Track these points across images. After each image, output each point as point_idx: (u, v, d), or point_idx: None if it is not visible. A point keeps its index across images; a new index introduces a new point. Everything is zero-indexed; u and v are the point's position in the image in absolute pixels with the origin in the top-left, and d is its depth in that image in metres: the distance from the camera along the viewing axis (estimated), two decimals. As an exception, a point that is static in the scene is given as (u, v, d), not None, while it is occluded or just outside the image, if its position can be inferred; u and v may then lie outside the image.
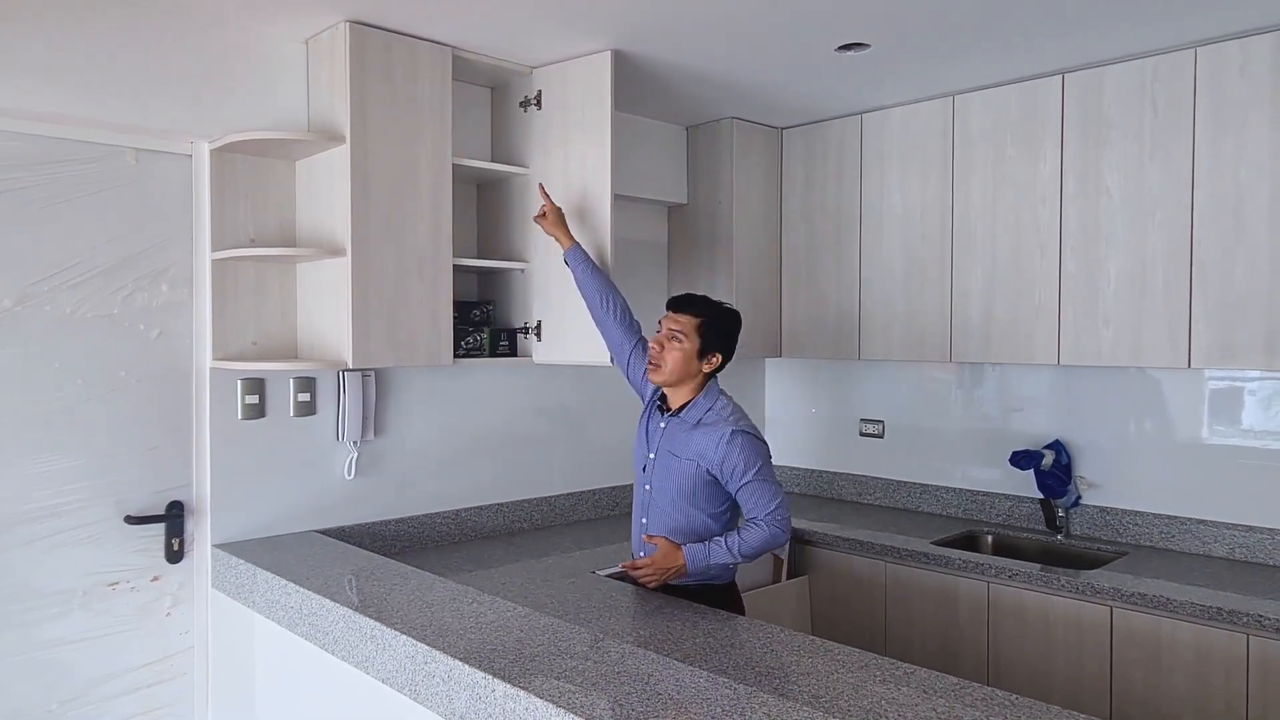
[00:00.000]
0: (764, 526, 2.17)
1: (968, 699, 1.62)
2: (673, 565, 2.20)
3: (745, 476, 2.18)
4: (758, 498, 2.18)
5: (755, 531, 2.17)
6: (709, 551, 2.18)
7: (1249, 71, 2.56)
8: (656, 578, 2.23)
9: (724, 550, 2.17)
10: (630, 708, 1.47)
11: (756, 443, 2.21)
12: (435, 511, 3.03)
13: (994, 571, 2.82)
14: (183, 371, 2.57)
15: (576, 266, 2.64)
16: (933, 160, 3.26)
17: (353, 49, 2.48)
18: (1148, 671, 2.52)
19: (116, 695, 2.45)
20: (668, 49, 2.75)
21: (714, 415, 2.25)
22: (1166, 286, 2.71)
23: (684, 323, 2.28)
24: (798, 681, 1.71)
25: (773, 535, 2.17)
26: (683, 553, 2.19)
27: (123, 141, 2.45)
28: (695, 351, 2.27)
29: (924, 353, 3.30)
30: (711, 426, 2.22)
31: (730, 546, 2.17)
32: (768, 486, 2.19)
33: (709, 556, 2.18)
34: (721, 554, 2.18)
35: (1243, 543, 2.84)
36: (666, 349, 2.27)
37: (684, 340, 2.26)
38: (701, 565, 2.19)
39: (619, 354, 2.56)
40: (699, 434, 2.24)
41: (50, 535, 2.35)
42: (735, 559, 2.18)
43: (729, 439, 2.18)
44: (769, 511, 2.17)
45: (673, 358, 2.26)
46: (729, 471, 2.19)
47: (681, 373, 2.28)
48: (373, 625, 1.92)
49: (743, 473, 2.18)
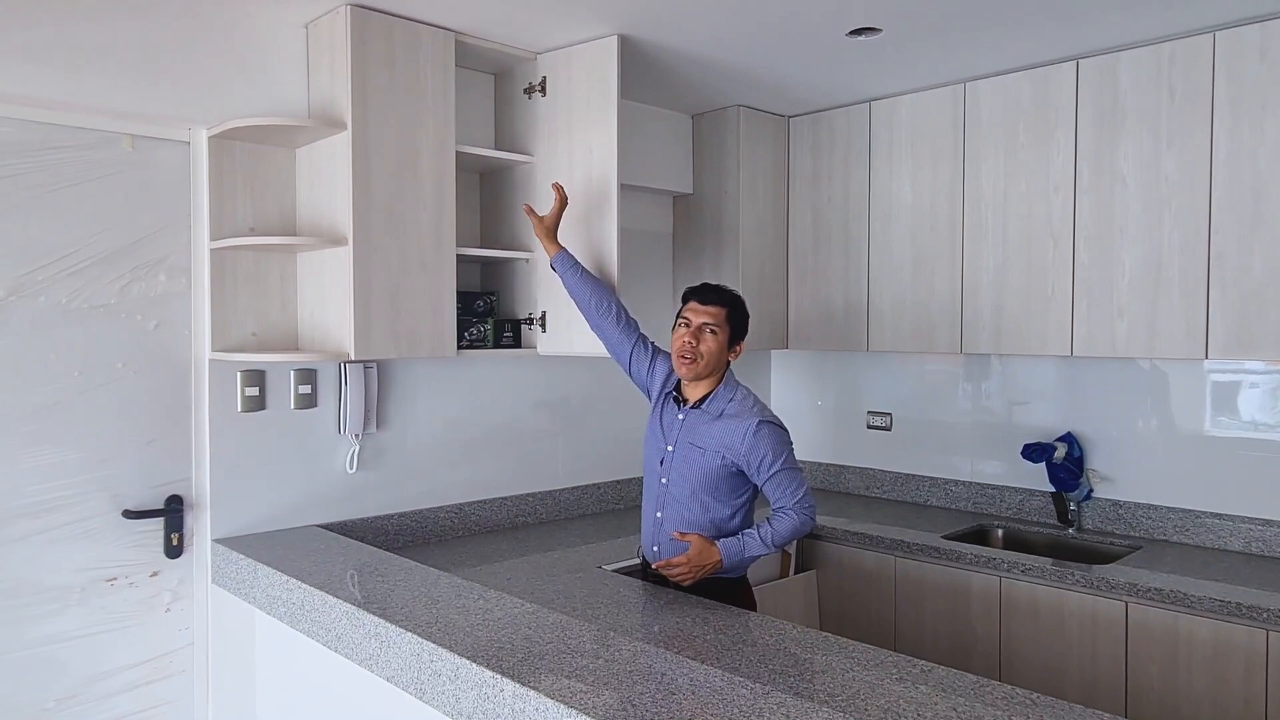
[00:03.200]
0: (794, 515, 2.17)
1: (988, 698, 1.58)
2: (709, 562, 2.17)
3: (774, 467, 2.17)
4: (785, 487, 2.18)
5: (786, 520, 2.17)
6: (744, 544, 2.17)
7: (1269, 56, 2.51)
8: (692, 575, 2.18)
9: (758, 542, 2.16)
10: (644, 708, 1.43)
11: (781, 432, 2.21)
12: (439, 505, 2.98)
13: (1006, 566, 2.78)
14: (181, 363, 2.52)
15: (565, 272, 2.57)
16: (943, 149, 3.21)
17: (354, 33, 2.43)
18: (1164, 668, 2.48)
19: (115, 692, 2.41)
20: (674, 34, 2.69)
21: (736, 406, 2.23)
22: (1183, 277, 2.66)
23: (716, 314, 2.25)
24: (813, 680, 1.66)
25: (802, 522, 2.17)
26: (718, 548, 2.17)
27: (119, 128, 2.40)
28: (726, 342, 2.26)
29: (933, 344, 3.26)
30: (736, 418, 2.20)
31: (764, 537, 2.16)
32: (795, 475, 2.19)
33: (744, 550, 2.17)
34: (756, 545, 2.16)
35: (1260, 536, 2.80)
36: (703, 341, 2.23)
37: (719, 331, 2.24)
38: (737, 559, 2.17)
39: (619, 354, 2.52)
40: (722, 425, 2.21)
41: (47, 530, 2.31)
42: (769, 549, 2.17)
43: (756, 430, 2.17)
44: (797, 500, 2.17)
45: (709, 349, 2.23)
46: (757, 463, 2.17)
47: (716, 363, 2.26)
48: (376, 622, 1.87)
49: (771, 463, 2.17)
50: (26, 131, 2.26)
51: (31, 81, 2.20)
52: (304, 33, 2.60)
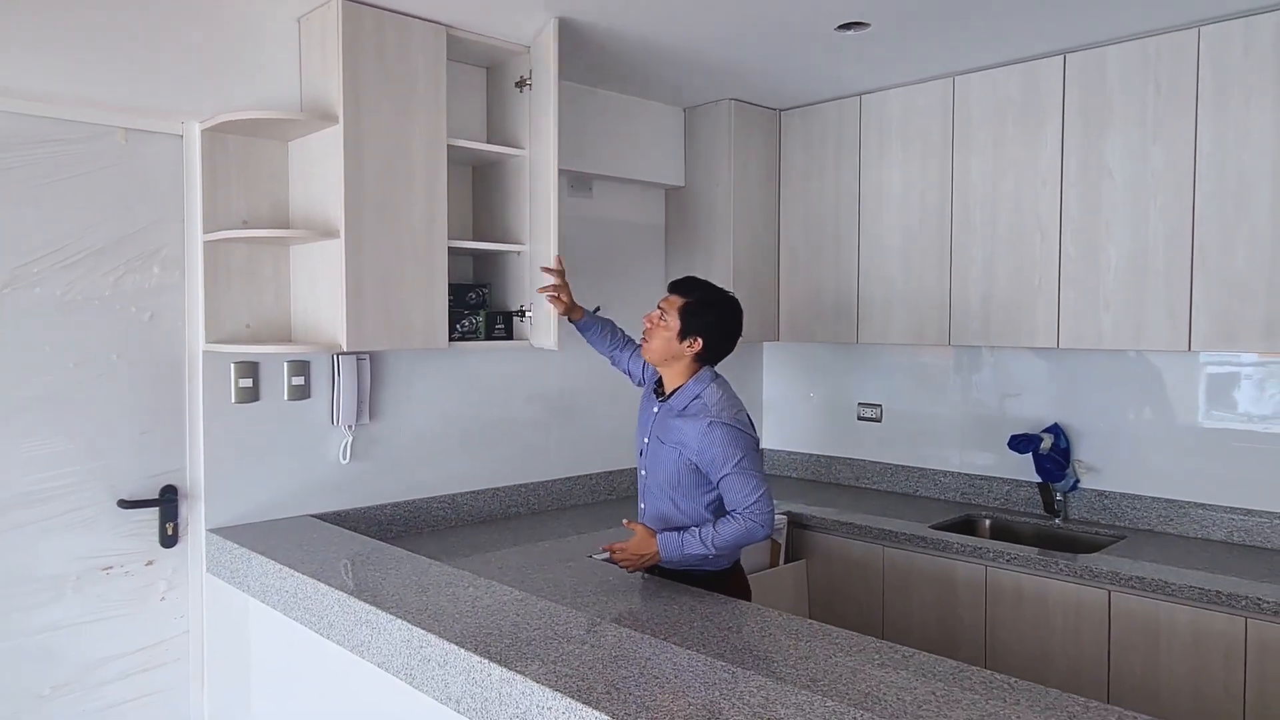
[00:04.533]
0: (740, 520, 2.11)
1: (966, 682, 1.61)
2: (646, 553, 2.16)
3: (725, 468, 2.12)
4: (737, 490, 2.11)
5: (730, 525, 2.11)
6: (683, 542, 2.13)
7: (1253, 51, 2.53)
8: (632, 563, 2.20)
9: (697, 541, 2.12)
10: (627, 691, 1.46)
11: (737, 434, 2.14)
12: (431, 496, 3.01)
13: (992, 555, 2.82)
14: (175, 354, 2.54)
15: (588, 329, 2.68)
16: (932, 142, 3.23)
17: (345, 27, 2.44)
18: (1146, 655, 2.51)
19: (110, 680, 2.44)
20: (665, 23, 2.71)
21: (698, 405, 2.19)
22: (1167, 269, 2.69)
23: (670, 303, 2.25)
24: (795, 665, 1.69)
25: (749, 529, 2.10)
26: (655, 541, 2.16)
27: (112, 121, 2.41)
28: (676, 333, 2.22)
29: (922, 336, 3.28)
30: (694, 417, 2.17)
31: (704, 538, 2.12)
32: (748, 479, 2.11)
33: (683, 547, 2.13)
34: (695, 545, 2.12)
35: (1242, 526, 2.83)
36: (653, 327, 2.26)
37: (669, 319, 2.23)
38: (676, 555, 2.15)
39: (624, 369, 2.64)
40: (682, 422, 2.19)
41: (42, 520, 2.33)
42: (709, 551, 2.12)
43: (707, 430, 2.13)
44: (747, 505, 2.10)
45: (655, 336, 2.25)
46: (708, 463, 2.14)
47: (664, 352, 2.25)
48: (368, 610, 1.90)
49: (721, 464, 2.12)
50: (19, 124, 2.28)
51: (25, 75, 2.21)
52: (296, 26, 2.61)
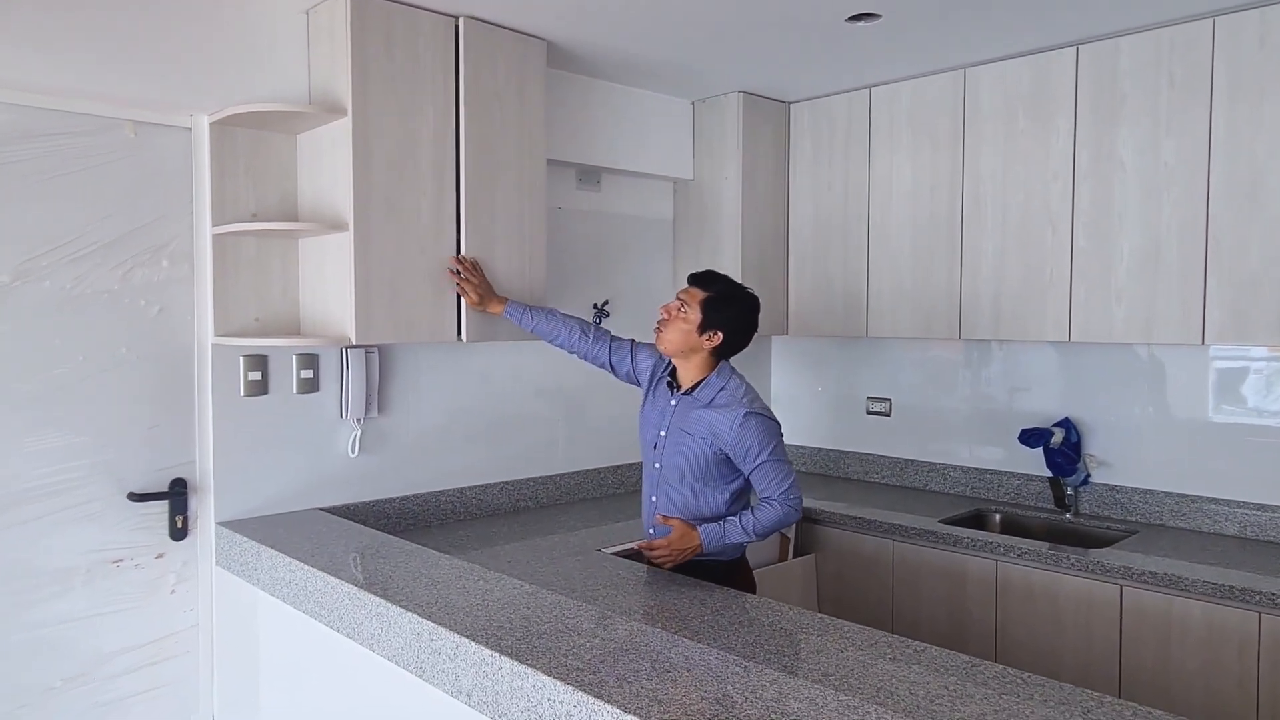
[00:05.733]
0: (778, 506, 2.18)
1: (979, 677, 1.60)
2: (689, 546, 2.21)
3: (760, 458, 2.17)
4: (771, 478, 2.18)
5: (769, 511, 2.18)
6: (724, 531, 2.20)
7: (1268, 42, 2.51)
8: (672, 559, 2.22)
9: (739, 530, 2.19)
10: (638, 684, 1.45)
11: (770, 424, 2.21)
12: (440, 489, 3.01)
13: (1002, 550, 2.80)
14: (184, 348, 2.54)
15: (519, 317, 2.65)
16: (942, 135, 3.21)
17: (354, 19, 2.44)
18: (1158, 650, 2.50)
19: (120, 673, 2.44)
20: (673, 14, 2.69)
21: (727, 396, 2.23)
22: (1180, 263, 2.67)
23: (692, 295, 2.27)
24: (807, 659, 1.69)
25: (786, 514, 2.18)
26: (699, 533, 2.20)
27: (121, 114, 2.41)
28: (696, 325, 2.23)
29: (932, 330, 3.27)
30: (725, 408, 2.21)
31: (745, 525, 2.18)
32: (781, 467, 2.19)
33: (724, 536, 2.20)
34: (737, 533, 2.19)
35: (1255, 521, 2.82)
36: (671, 318, 2.26)
37: (689, 311, 2.24)
38: (718, 545, 2.20)
39: (600, 363, 2.58)
40: (711, 414, 2.22)
41: (53, 513, 2.33)
42: (750, 538, 2.20)
43: (742, 421, 2.17)
44: (782, 491, 2.18)
45: (673, 328, 2.26)
46: (743, 453, 2.18)
47: (681, 344, 2.26)
48: (378, 602, 1.90)
49: (757, 454, 2.17)
50: (29, 118, 2.28)
51: (34, 68, 2.21)
52: (304, 18, 2.60)
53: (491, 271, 2.73)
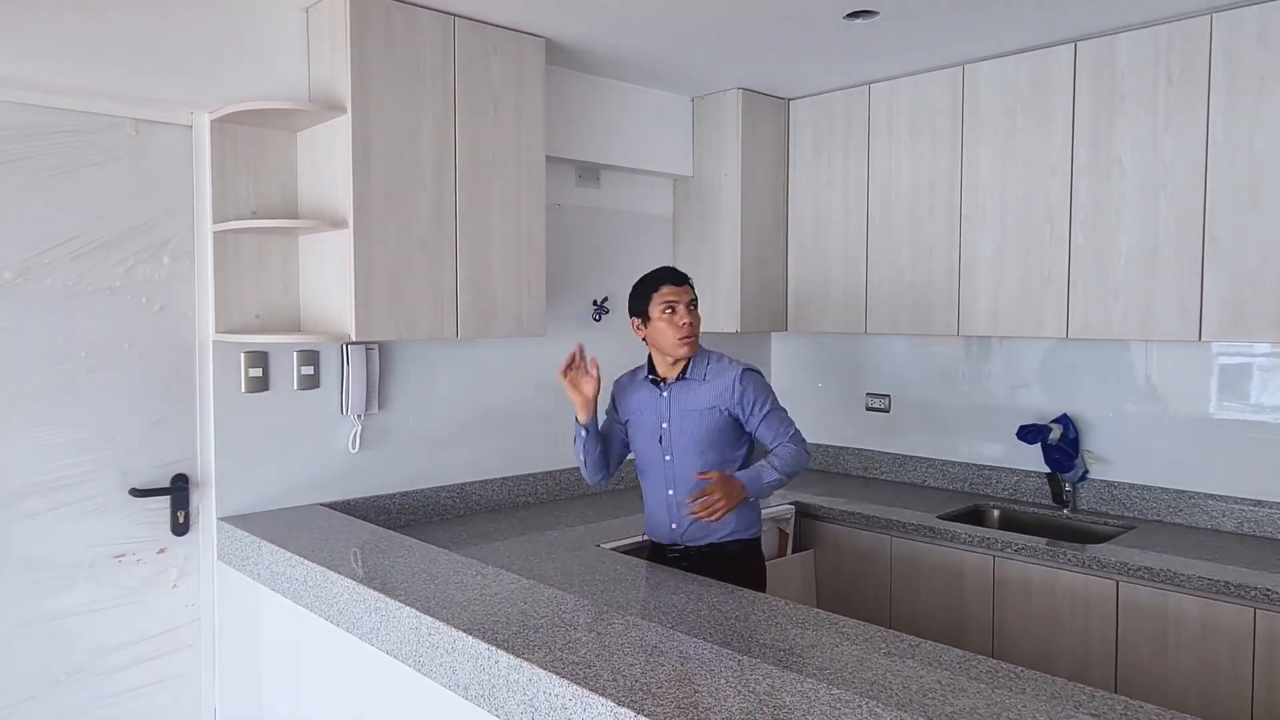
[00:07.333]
0: (792, 446, 2.31)
1: (972, 671, 1.61)
2: (734, 489, 2.24)
3: (765, 406, 2.34)
4: (777, 425, 2.34)
5: (787, 449, 2.31)
6: (760, 473, 2.28)
7: (1267, 38, 2.51)
8: (725, 505, 2.20)
9: (771, 469, 2.28)
10: (634, 679, 1.46)
11: (762, 378, 2.40)
12: (439, 485, 3.02)
13: (1000, 546, 2.81)
14: (185, 344, 2.56)
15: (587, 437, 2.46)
16: (941, 132, 3.22)
17: (353, 17, 2.45)
18: (1154, 645, 2.51)
19: (123, 666, 2.47)
20: (673, 11, 2.70)
21: (716, 365, 2.38)
22: (1178, 259, 2.68)
23: (687, 293, 2.39)
24: (802, 654, 1.70)
25: (799, 452, 2.32)
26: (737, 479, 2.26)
27: (122, 112, 2.42)
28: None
29: (931, 326, 3.27)
30: (721, 374, 2.35)
31: (774, 465, 2.29)
32: (784, 414, 2.38)
33: (760, 477, 2.28)
34: (770, 472, 2.28)
35: (1252, 517, 2.82)
36: (694, 316, 2.37)
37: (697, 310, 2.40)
38: (756, 487, 2.28)
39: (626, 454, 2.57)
40: (710, 385, 2.36)
41: (56, 507, 2.35)
42: (781, 476, 2.29)
43: (742, 377, 2.33)
44: (791, 434, 2.34)
45: (700, 321, 2.41)
46: (749, 405, 2.33)
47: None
48: (377, 597, 1.92)
49: (762, 404, 2.33)
50: (30, 116, 2.29)
51: (35, 66, 2.22)
52: (304, 16, 2.61)
53: (489, 269, 2.75)
